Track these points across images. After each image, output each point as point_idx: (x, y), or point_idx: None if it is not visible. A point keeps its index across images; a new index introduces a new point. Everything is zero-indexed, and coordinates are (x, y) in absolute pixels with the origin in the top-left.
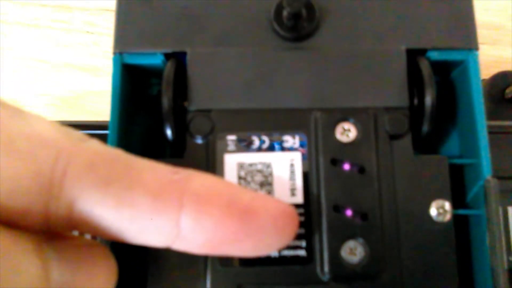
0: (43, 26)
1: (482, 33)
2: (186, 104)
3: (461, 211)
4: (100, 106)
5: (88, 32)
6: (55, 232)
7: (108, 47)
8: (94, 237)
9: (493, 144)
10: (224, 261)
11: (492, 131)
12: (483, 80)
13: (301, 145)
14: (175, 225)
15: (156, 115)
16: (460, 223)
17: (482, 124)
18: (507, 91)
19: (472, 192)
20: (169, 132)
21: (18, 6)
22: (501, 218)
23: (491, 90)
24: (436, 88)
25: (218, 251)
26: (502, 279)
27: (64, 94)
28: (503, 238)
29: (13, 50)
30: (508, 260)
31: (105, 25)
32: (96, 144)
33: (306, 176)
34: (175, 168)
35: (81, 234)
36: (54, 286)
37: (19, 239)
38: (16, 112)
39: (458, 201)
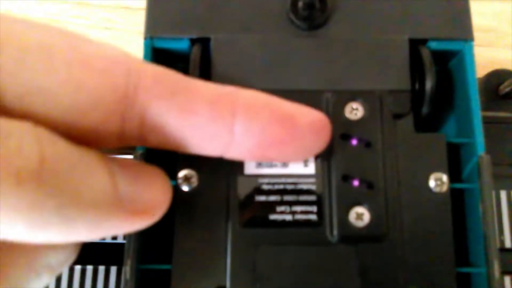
0: (62, 22)
1: (478, 36)
2: None
3: (457, 185)
4: None
5: (105, 27)
6: (125, 145)
7: (124, 42)
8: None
9: (486, 133)
10: (244, 223)
11: (486, 121)
12: (479, 78)
13: None
14: (230, 131)
15: None
16: (457, 199)
17: (476, 107)
18: (501, 87)
19: (468, 169)
20: None
21: (37, 2)
22: (494, 200)
23: (486, 87)
24: (436, 75)
25: (265, 155)
26: (493, 245)
27: None
28: (496, 219)
29: None
30: (500, 240)
31: (121, 21)
32: (155, 65)
33: None
34: (222, 85)
35: (149, 146)
36: (121, 195)
37: (89, 151)
38: (88, 39)
39: (455, 178)
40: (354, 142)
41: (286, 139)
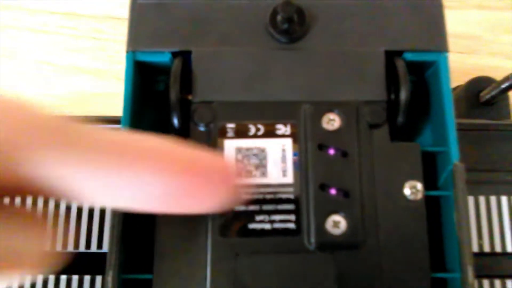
0: (51, 32)
1: (460, 43)
2: (189, 97)
3: (433, 192)
4: (103, 107)
5: (94, 38)
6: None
7: (112, 52)
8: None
9: (466, 140)
10: (223, 232)
11: (465, 129)
12: (460, 85)
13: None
14: (127, 183)
15: (162, 109)
16: (434, 206)
17: (451, 116)
18: (481, 94)
19: (443, 177)
20: (175, 121)
21: (28, 12)
22: (473, 206)
23: (467, 93)
24: (411, 86)
25: (170, 207)
26: (467, 251)
27: (70, 95)
28: (475, 224)
29: (23, 53)
30: (479, 244)
31: (110, 32)
32: (53, 115)
33: (295, 159)
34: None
35: (37, 195)
36: None
37: None
38: None
39: (431, 185)
40: (331, 151)
41: (190, 189)
